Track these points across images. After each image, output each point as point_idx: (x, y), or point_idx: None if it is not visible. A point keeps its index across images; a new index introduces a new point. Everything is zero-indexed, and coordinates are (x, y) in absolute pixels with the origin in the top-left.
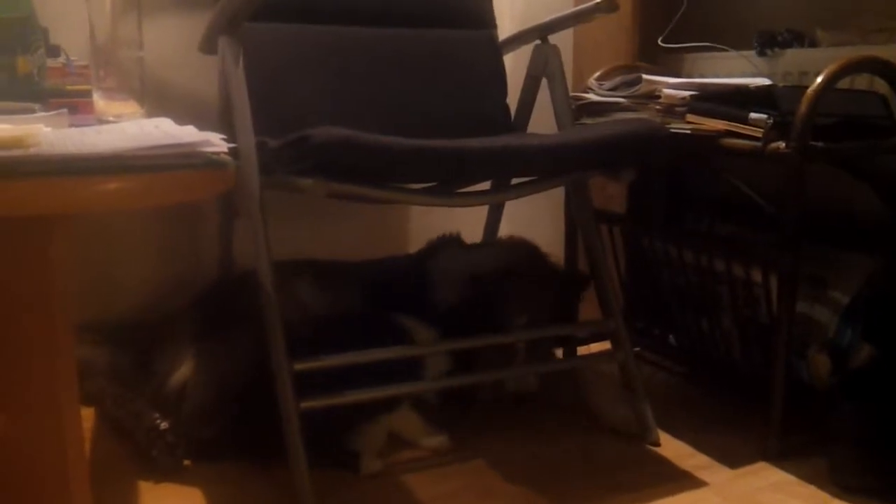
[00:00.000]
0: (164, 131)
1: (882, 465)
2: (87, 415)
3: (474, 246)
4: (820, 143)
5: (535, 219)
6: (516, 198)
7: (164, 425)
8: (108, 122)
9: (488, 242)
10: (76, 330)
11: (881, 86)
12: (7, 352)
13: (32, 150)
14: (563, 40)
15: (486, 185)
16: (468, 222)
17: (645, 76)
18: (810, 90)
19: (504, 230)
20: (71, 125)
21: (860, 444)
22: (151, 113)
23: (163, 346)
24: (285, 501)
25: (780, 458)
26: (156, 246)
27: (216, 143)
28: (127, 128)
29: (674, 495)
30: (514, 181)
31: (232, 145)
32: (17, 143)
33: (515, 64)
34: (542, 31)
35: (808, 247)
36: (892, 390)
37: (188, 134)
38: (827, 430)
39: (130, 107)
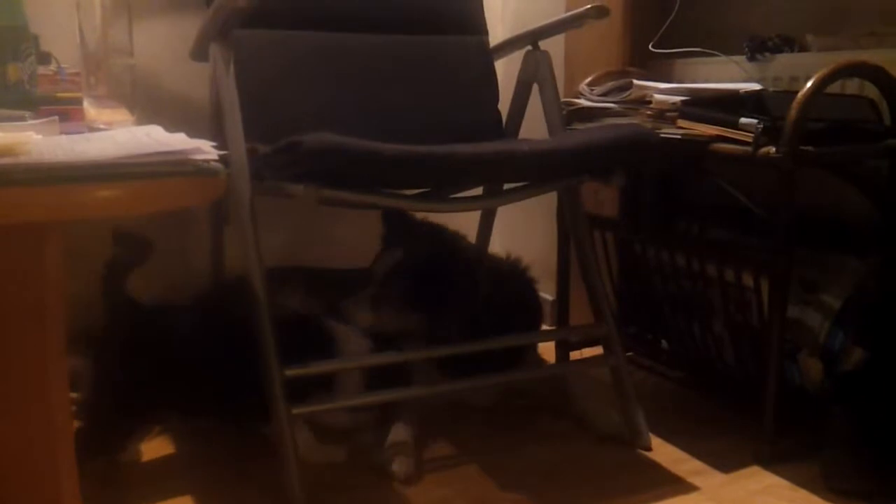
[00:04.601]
0: (155, 139)
1: (873, 469)
2: None
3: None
4: (810, 148)
5: (528, 225)
6: (508, 203)
7: None
8: (98, 129)
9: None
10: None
11: (871, 90)
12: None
13: (23, 158)
14: (554, 46)
15: (478, 192)
16: (461, 227)
17: (636, 81)
18: (800, 95)
19: (496, 236)
20: (62, 133)
21: (852, 447)
22: (142, 120)
23: None
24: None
25: (773, 462)
26: None
27: (207, 150)
28: (117, 135)
29: (665, 500)
30: (507, 187)
31: (223, 152)
32: (7, 150)
33: (507, 70)
34: (532, 37)
35: (799, 251)
36: (883, 393)
37: (179, 141)
38: (819, 433)
39: (121, 114)
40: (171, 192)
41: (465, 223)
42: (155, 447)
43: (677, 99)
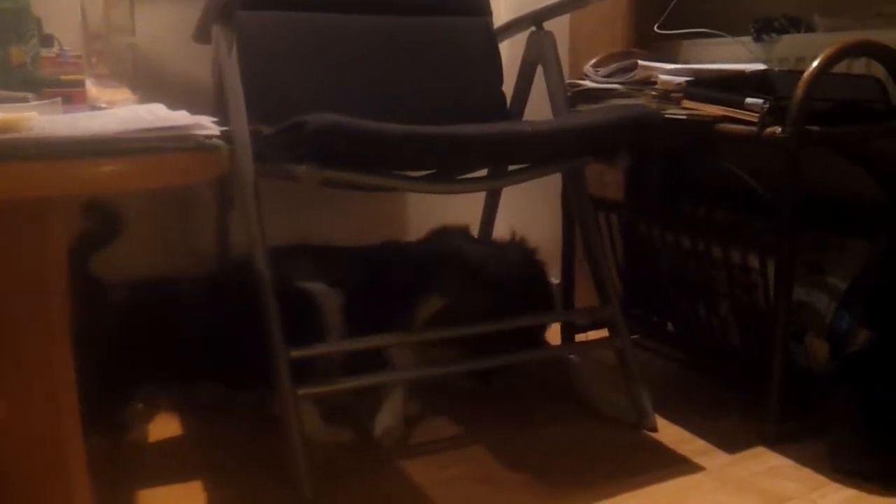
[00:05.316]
0: (157, 115)
1: (879, 449)
2: None
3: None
4: (816, 128)
5: (532, 207)
6: (513, 184)
7: None
8: (100, 108)
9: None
10: None
11: (878, 70)
12: (3, 337)
13: (25, 134)
14: (558, 27)
15: (482, 174)
16: (465, 210)
17: (641, 62)
18: (806, 74)
19: (501, 218)
20: (64, 113)
21: (857, 427)
22: (144, 99)
23: None
24: (285, 484)
25: (778, 442)
26: (151, 237)
27: (208, 126)
28: (120, 112)
29: (671, 479)
30: (511, 168)
31: (224, 128)
32: (10, 126)
33: (511, 51)
34: (537, 18)
35: (805, 232)
36: (888, 374)
37: (181, 117)
38: (824, 414)
39: (123, 93)
40: (173, 167)
41: (468, 204)
42: (162, 427)
43: (682, 80)
